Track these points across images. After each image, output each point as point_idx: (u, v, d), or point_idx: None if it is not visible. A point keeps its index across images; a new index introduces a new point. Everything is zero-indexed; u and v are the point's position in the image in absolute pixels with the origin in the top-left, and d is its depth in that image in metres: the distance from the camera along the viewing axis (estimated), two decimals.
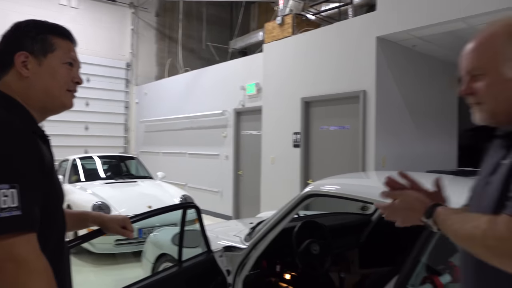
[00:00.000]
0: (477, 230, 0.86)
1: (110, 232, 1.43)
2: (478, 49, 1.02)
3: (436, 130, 5.73)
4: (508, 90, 0.98)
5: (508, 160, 0.94)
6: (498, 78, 0.98)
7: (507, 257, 0.81)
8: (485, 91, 1.00)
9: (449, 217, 0.97)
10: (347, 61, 4.98)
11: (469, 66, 1.03)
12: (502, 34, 0.98)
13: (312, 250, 2.49)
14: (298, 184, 5.57)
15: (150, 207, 5.15)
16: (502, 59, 0.97)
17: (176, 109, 9.15)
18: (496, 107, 1.00)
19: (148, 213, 1.73)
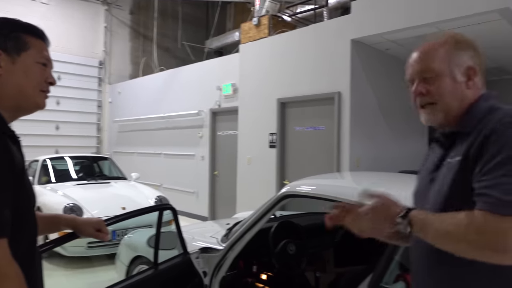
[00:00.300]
0: (457, 227, 0.92)
1: (84, 235, 1.39)
2: (431, 55, 1.13)
3: (408, 131, 5.88)
4: (457, 91, 1.10)
5: (458, 158, 1.03)
6: (450, 81, 1.10)
7: (487, 249, 0.88)
8: (439, 92, 1.10)
9: (427, 218, 1.00)
10: (323, 62, 5.05)
11: (423, 68, 1.13)
12: (451, 44, 1.12)
13: (288, 250, 2.51)
14: (274, 184, 5.59)
15: (124, 208, 5.07)
16: (452, 64, 1.10)
17: (151, 108, 9.02)
18: (448, 107, 1.10)
19: (123, 215, 1.70)
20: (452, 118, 1.11)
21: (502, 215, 0.87)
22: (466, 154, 1.01)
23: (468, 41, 1.15)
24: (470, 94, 1.11)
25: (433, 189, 1.11)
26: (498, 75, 6.70)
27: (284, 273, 2.65)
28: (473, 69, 1.11)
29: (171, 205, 1.99)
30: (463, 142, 1.05)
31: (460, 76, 1.10)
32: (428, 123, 1.15)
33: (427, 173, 1.19)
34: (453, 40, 1.13)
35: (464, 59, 1.11)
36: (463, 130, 1.08)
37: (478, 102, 1.10)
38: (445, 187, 1.05)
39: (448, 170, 1.06)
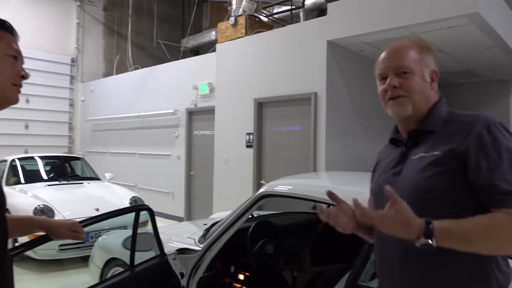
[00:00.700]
0: (497, 227, 0.97)
1: (58, 237, 1.35)
2: (404, 53, 1.21)
3: (382, 132, 5.99)
4: (425, 90, 1.21)
5: (436, 153, 1.09)
6: (421, 79, 1.20)
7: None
8: (410, 87, 1.19)
9: (452, 226, 0.98)
10: (299, 63, 5.09)
11: (396, 65, 1.20)
12: (421, 47, 1.22)
13: (266, 250, 2.52)
14: (251, 184, 5.60)
15: (98, 209, 4.96)
16: (423, 65, 1.21)
17: (125, 107, 8.85)
18: (416, 102, 1.19)
19: (99, 216, 1.66)
20: (418, 114, 1.20)
21: None
22: (452, 151, 1.07)
23: (431, 47, 1.25)
24: (432, 95, 1.22)
25: (402, 183, 1.15)
26: (467, 78, 6.95)
27: (261, 273, 2.66)
28: (436, 73, 1.23)
29: (148, 205, 1.96)
30: (431, 140, 1.15)
31: (427, 77, 1.21)
32: (396, 115, 1.23)
33: (387, 170, 1.25)
34: (422, 43, 1.23)
35: (431, 62, 1.22)
36: (429, 128, 1.17)
37: (439, 105, 1.22)
38: (420, 181, 1.10)
39: (420, 164, 1.12)
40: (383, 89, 1.24)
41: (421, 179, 1.10)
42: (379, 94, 1.28)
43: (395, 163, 1.23)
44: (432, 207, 1.07)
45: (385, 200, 1.10)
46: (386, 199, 1.10)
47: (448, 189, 1.06)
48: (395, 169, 1.21)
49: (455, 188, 1.06)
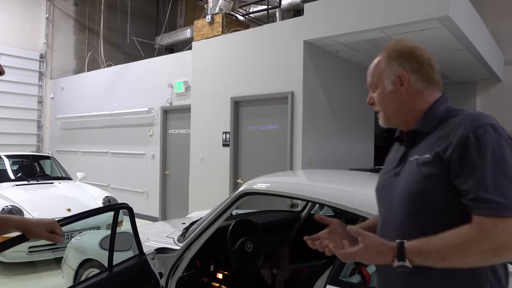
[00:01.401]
0: (467, 239, 0.96)
1: (35, 238, 1.30)
2: (372, 69, 1.29)
3: (356, 131, 6.12)
4: (388, 100, 1.24)
5: (427, 155, 1.09)
6: (383, 91, 1.25)
7: (502, 251, 0.94)
8: (378, 100, 1.26)
9: (423, 245, 1.00)
10: (276, 62, 5.11)
11: (368, 81, 1.30)
12: (384, 58, 1.25)
13: (246, 248, 2.52)
14: (227, 183, 5.58)
15: (70, 210, 4.82)
16: (385, 76, 1.24)
17: (97, 105, 8.63)
18: (388, 111, 1.25)
19: (78, 215, 1.61)
20: (402, 121, 1.24)
21: (508, 217, 0.94)
22: (438, 154, 1.06)
23: (406, 47, 1.23)
24: (412, 99, 1.21)
25: (399, 184, 1.17)
26: None
27: (241, 271, 2.65)
28: (403, 75, 1.20)
29: (127, 204, 1.92)
30: (426, 141, 1.14)
31: (390, 85, 1.23)
32: (382, 126, 1.31)
33: (390, 169, 1.26)
34: (391, 50, 1.24)
35: (395, 68, 1.22)
36: (425, 129, 1.17)
37: (435, 105, 1.20)
38: (413, 182, 1.10)
39: (415, 166, 1.12)
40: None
41: (413, 182, 1.10)
42: None
43: (397, 163, 1.24)
44: (424, 209, 1.08)
45: (386, 198, 1.22)
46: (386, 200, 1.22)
47: (438, 192, 1.06)
48: (396, 169, 1.22)
49: (445, 191, 1.05)
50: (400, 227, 1.13)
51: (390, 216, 1.19)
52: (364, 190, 2.26)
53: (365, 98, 5.26)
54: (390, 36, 4.56)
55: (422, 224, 1.08)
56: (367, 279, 1.92)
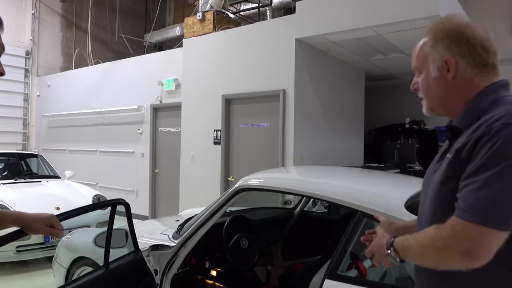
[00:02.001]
0: (427, 239, 0.96)
1: (34, 233, 1.28)
2: (417, 51, 1.16)
3: (347, 129, 6.17)
4: (433, 87, 1.12)
5: (449, 155, 1.03)
6: (427, 77, 1.13)
7: (456, 253, 0.89)
8: (422, 87, 1.15)
9: (407, 239, 1.03)
10: (268, 60, 5.12)
11: (412, 64, 1.18)
12: (429, 40, 1.12)
13: (241, 244, 2.52)
14: (218, 181, 5.56)
15: (59, 208, 4.74)
16: (430, 59, 1.11)
17: (85, 103, 8.51)
18: (432, 99, 1.14)
19: (77, 210, 1.58)
20: (447, 110, 1.13)
21: (486, 226, 0.87)
22: (457, 153, 0.99)
23: (456, 27, 1.08)
24: (459, 88, 1.07)
25: (433, 180, 1.10)
26: None
27: (236, 268, 2.65)
28: (450, 60, 1.06)
29: (124, 200, 1.90)
30: (459, 139, 1.04)
31: (435, 70, 1.10)
32: (426, 114, 1.21)
33: (434, 163, 1.18)
34: (439, 31, 1.10)
35: (441, 50, 1.08)
36: (460, 125, 1.07)
37: (478, 95, 1.06)
38: (438, 183, 1.05)
39: (444, 164, 1.06)
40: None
41: (440, 183, 1.04)
42: None
43: (438, 159, 1.15)
44: (445, 212, 0.99)
45: (423, 194, 1.19)
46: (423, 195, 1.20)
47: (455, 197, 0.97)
48: (436, 165, 1.14)
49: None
50: (427, 225, 1.06)
51: (423, 212, 1.15)
52: (355, 184, 2.28)
53: (355, 97, 5.40)
54: (381, 34, 4.60)
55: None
56: (364, 273, 1.94)
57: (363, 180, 2.54)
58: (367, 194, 1.96)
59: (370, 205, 1.80)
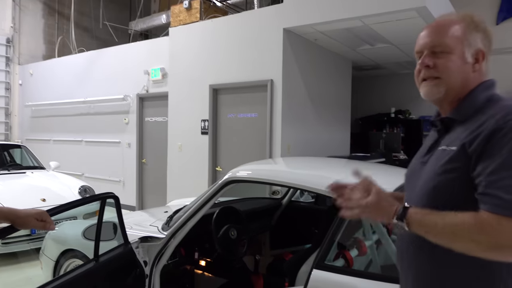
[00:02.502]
0: (465, 227, 0.93)
1: (26, 228, 1.28)
2: (445, 29, 1.11)
3: (333, 119, 6.22)
4: (464, 71, 1.10)
5: (453, 148, 1.04)
6: (460, 59, 1.09)
7: (498, 248, 0.91)
8: (445, 67, 1.09)
9: (426, 217, 1.00)
10: (255, 50, 5.10)
11: (434, 42, 1.11)
12: (467, 24, 1.11)
13: (230, 235, 2.55)
14: (206, 171, 5.57)
15: (44, 200, 4.70)
16: (466, 44, 1.10)
17: (69, 92, 8.36)
18: (453, 83, 1.10)
19: (66, 205, 1.58)
20: (453, 98, 1.12)
21: (508, 216, 0.89)
22: (464, 146, 1.01)
23: (482, 23, 1.12)
24: (473, 78, 1.11)
25: (424, 172, 1.13)
26: (411, 69, 7.35)
27: (225, 258, 2.68)
28: (483, 52, 1.10)
29: (113, 193, 1.90)
30: (459, 131, 1.06)
31: (470, 57, 1.09)
32: (427, 97, 1.14)
33: (420, 156, 1.21)
34: (470, 19, 1.11)
35: (477, 40, 1.10)
36: (459, 118, 1.09)
37: (476, 90, 1.10)
38: (435, 174, 1.06)
39: (441, 156, 1.07)
40: (417, 69, 1.15)
41: (436, 174, 1.06)
42: (414, 75, 1.17)
43: (426, 151, 1.17)
44: (441, 204, 1.03)
45: (412, 185, 1.18)
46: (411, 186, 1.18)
47: (458, 189, 1.01)
48: (424, 157, 1.16)
49: (464, 187, 1.00)
50: None
51: (412, 203, 1.14)
52: (341, 176, 2.32)
53: (342, 87, 5.42)
54: (368, 25, 4.62)
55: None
56: (351, 262, 1.99)
57: (349, 171, 2.58)
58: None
59: None
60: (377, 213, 1.07)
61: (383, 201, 1.07)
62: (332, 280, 1.73)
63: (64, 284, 1.60)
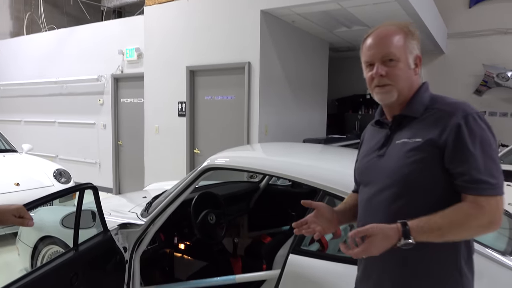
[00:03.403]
0: (467, 217, 1.08)
1: (4, 224, 1.27)
2: (390, 40, 1.23)
3: (311, 101, 6.28)
4: (410, 76, 1.25)
5: (418, 140, 1.17)
6: (406, 66, 1.23)
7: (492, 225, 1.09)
8: (395, 75, 1.22)
9: (426, 224, 1.09)
10: (233, 32, 5.05)
11: (384, 52, 1.22)
12: (406, 34, 1.24)
13: (209, 219, 2.60)
14: (184, 154, 5.57)
15: (18, 184, 4.61)
16: (408, 52, 1.23)
17: (40, 72, 8.08)
18: (402, 88, 1.23)
19: (44, 199, 1.58)
20: (402, 100, 1.25)
21: (499, 195, 1.09)
22: (432, 140, 1.15)
23: (415, 32, 1.27)
24: (416, 80, 1.27)
25: (385, 165, 1.24)
26: None
27: (202, 242, 2.74)
28: (420, 58, 1.26)
29: (92, 184, 1.90)
30: (417, 126, 1.21)
31: (412, 63, 1.24)
32: (382, 102, 1.28)
33: (371, 151, 1.33)
34: (407, 29, 1.25)
35: (415, 47, 1.25)
36: (412, 114, 1.23)
37: (421, 90, 1.26)
38: (402, 166, 1.18)
39: (403, 150, 1.19)
40: (370, 76, 1.26)
41: (404, 165, 1.18)
42: (366, 80, 1.29)
43: (380, 145, 1.29)
44: (411, 190, 1.17)
45: (371, 179, 1.28)
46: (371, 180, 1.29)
47: (428, 175, 1.15)
48: (380, 151, 1.28)
49: (435, 174, 1.14)
50: (388, 206, 1.20)
51: (377, 195, 1.25)
52: (317, 162, 2.39)
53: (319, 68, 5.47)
54: (345, 8, 4.64)
55: (409, 201, 1.17)
56: (325, 246, 2.08)
57: (325, 157, 2.65)
58: (328, 172, 2.07)
59: (331, 184, 1.91)
60: (382, 245, 1.10)
61: (382, 229, 1.11)
62: (307, 264, 1.82)
63: (45, 274, 1.62)
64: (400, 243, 1.08)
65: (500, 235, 2.00)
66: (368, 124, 1.48)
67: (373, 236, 1.09)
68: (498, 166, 1.12)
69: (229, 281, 2.16)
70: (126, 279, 2.31)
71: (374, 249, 1.09)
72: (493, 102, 7.31)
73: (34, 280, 1.59)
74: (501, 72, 6.94)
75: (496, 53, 7.17)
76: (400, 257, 1.19)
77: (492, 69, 7.05)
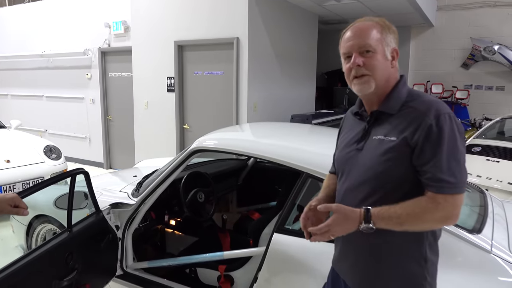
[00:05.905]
0: (424, 210, 1.16)
1: (0, 214, 1.34)
2: (368, 33, 1.27)
3: (300, 75, 6.29)
4: (387, 68, 1.29)
5: (392, 138, 1.23)
6: (383, 57, 1.28)
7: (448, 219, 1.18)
8: (373, 65, 1.26)
9: (386, 212, 1.18)
10: (221, 7, 4.98)
11: (360, 44, 1.27)
12: (382, 27, 1.30)
13: (198, 198, 2.69)
14: (174, 129, 5.61)
15: (9, 161, 4.64)
16: (385, 44, 1.28)
17: (25, 45, 7.91)
18: (379, 79, 1.28)
19: (37, 186, 1.64)
20: (380, 93, 1.30)
21: (458, 194, 1.17)
22: (406, 139, 1.20)
23: (392, 25, 1.32)
24: (393, 73, 1.31)
25: (362, 159, 1.30)
26: None
27: (192, 219, 2.84)
28: (397, 51, 1.31)
29: (83, 169, 1.96)
30: (393, 123, 1.26)
31: (389, 55, 1.29)
32: (361, 92, 1.31)
33: (351, 143, 1.38)
34: (383, 23, 1.30)
35: (392, 41, 1.30)
36: (389, 111, 1.28)
37: (399, 85, 1.31)
38: (377, 163, 1.24)
39: (380, 145, 1.25)
40: (348, 67, 1.29)
41: (378, 162, 1.24)
42: (344, 72, 1.32)
43: (359, 138, 1.34)
44: (384, 185, 1.24)
45: (349, 171, 1.34)
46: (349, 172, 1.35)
47: (400, 172, 1.22)
48: (358, 144, 1.33)
49: (406, 171, 1.21)
50: (363, 198, 1.27)
51: (353, 187, 1.32)
52: (304, 146, 2.46)
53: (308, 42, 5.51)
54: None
55: (382, 196, 1.24)
56: None
57: (311, 139, 2.73)
58: (313, 155, 2.15)
59: (314, 167, 1.99)
60: (345, 226, 1.20)
61: (344, 214, 1.20)
62: (290, 243, 1.93)
63: (42, 255, 1.71)
64: (361, 227, 1.18)
65: (472, 212, 2.13)
66: (348, 111, 1.53)
67: (336, 214, 1.20)
68: (461, 166, 1.18)
69: (217, 257, 2.28)
70: (119, 256, 2.43)
71: (337, 227, 1.19)
72: (479, 75, 7.39)
73: (32, 261, 1.68)
74: (488, 45, 6.98)
75: (485, 26, 7.18)
76: (369, 247, 1.29)
77: (479, 43, 7.08)
